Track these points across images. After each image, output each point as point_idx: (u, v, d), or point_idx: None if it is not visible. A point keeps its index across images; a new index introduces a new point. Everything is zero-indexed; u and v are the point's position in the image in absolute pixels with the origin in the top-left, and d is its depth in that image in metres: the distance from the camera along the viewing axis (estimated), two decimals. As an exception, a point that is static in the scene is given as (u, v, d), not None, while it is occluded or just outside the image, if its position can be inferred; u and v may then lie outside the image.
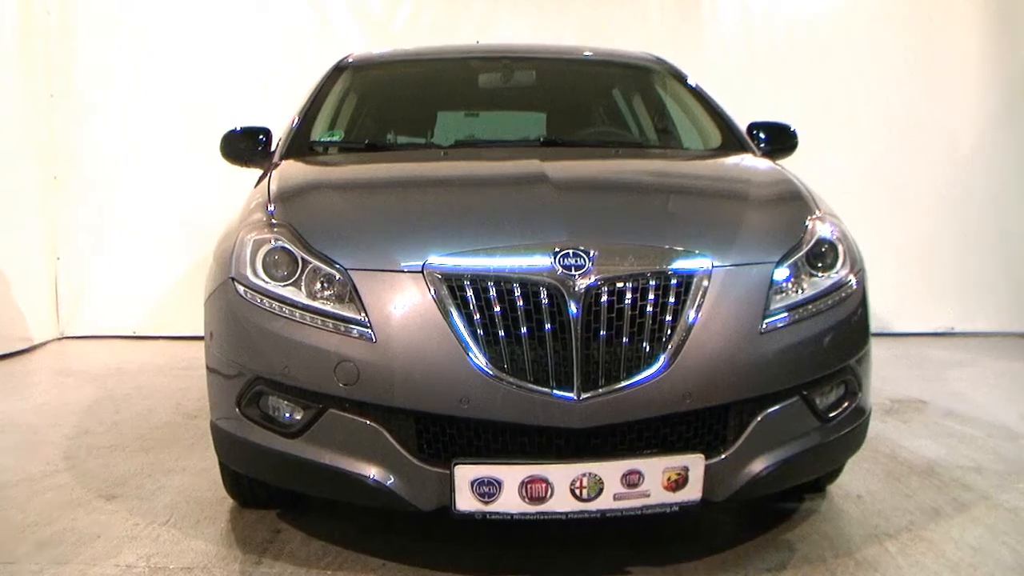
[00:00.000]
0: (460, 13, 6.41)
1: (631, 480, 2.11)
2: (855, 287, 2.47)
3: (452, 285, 2.17)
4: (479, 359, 2.12)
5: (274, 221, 2.47)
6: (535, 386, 2.11)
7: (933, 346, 5.90)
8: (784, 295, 2.34)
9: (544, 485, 2.09)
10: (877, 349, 2.67)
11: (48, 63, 6.14)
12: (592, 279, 2.15)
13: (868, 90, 6.31)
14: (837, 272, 2.46)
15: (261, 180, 3.02)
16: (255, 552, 2.52)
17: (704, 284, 2.23)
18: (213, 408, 2.52)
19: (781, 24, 6.40)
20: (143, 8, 6.24)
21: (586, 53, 4.29)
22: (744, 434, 2.24)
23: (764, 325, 2.26)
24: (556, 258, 2.18)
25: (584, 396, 2.11)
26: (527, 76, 4.04)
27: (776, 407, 2.28)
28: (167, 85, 6.20)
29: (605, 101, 4.12)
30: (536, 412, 2.11)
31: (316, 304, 2.26)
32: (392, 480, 2.17)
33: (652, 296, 2.18)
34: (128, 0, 6.24)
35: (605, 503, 2.11)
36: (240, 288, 2.36)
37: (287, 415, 2.30)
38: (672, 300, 2.19)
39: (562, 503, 2.10)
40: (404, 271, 2.22)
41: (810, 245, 2.46)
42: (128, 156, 6.23)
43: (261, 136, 3.36)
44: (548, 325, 2.13)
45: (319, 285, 2.29)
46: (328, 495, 2.45)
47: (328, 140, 3.53)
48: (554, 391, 2.11)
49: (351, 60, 3.93)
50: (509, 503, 2.10)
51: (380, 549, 2.50)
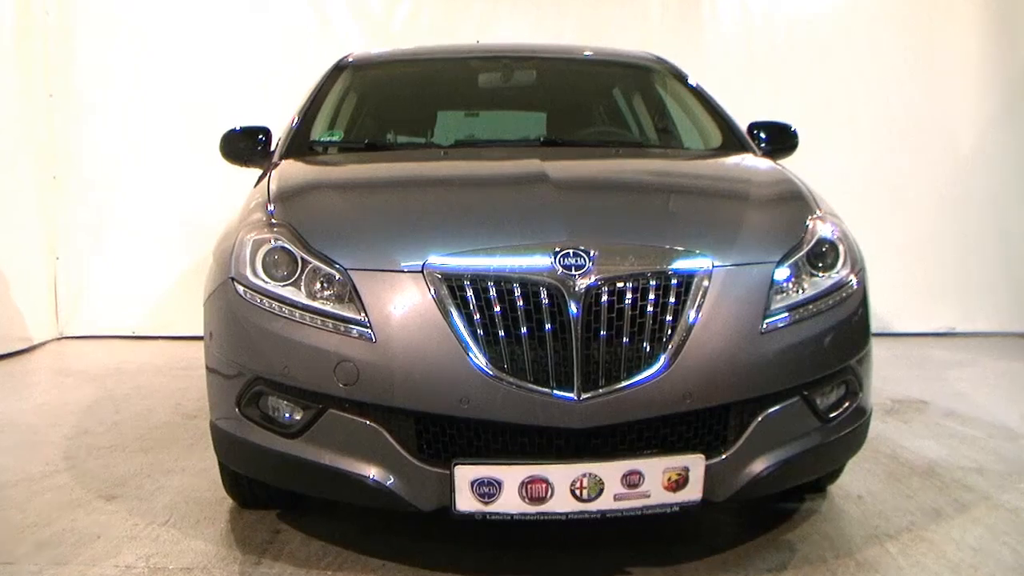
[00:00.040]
0: (460, 13, 6.40)
1: (631, 480, 2.11)
2: (856, 287, 2.47)
3: (452, 285, 2.17)
4: (479, 359, 2.11)
5: (274, 221, 2.47)
6: (535, 386, 2.11)
7: (934, 346, 5.89)
8: (785, 295, 2.34)
9: (544, 485, 2.09)
10: (878, 349, 2.67)
11: (47, 63, 6.13)
12: (592, 279, 2.15)
13: (868, 90, 6.30)
14: (838, 272, 2.46)
15: (261, 180, 3.02)
16: (255, 552, 2.52)
17: (704, 284, 2.22)
18: (212, 408, 2.51)
19: (781, 24, 6.40)
20: (142, 8, 6.23)
21: (586, 53, 4.28)
22: (745, 434, 2.23)
23: (765, 325, 2.26)
24: (556, 258, 2.17)
25: (584, 396, 2.10)
26: (527, 76, 4.03)
27: (777, 407, 2.27)
28: (167, 85, 6.20)
29: (605, 101, 4.11)
30: (536, 412, 2.11)
31: (316, 304, 2.25)
32: (392, 480, 2.17)
33: (652, 296, 2.17)
34: (127, 0, 6.24)
35: (605, 503, 2.11)
36: (240, 288, 2.35)
37: (287, 415, 2.30)
38: (672, 300, 2.18)
39: (562, 503, 2.10)
40: (404, 271, 2.21)
41: (811, 245, 2.45)
42: (127, 156, 6.23)
43: (261, 136, 3.36)
44: (548, 325, 2.12)
45: (319, 285, 2.28)
46: (328, 495, 2.44)
47: (328, 140, 3.52)
48: (554, 391, 2.11)
49: (351, 60, 3.92)
50: (509, 503, 2.10)
51: (380, 549, 2.50)
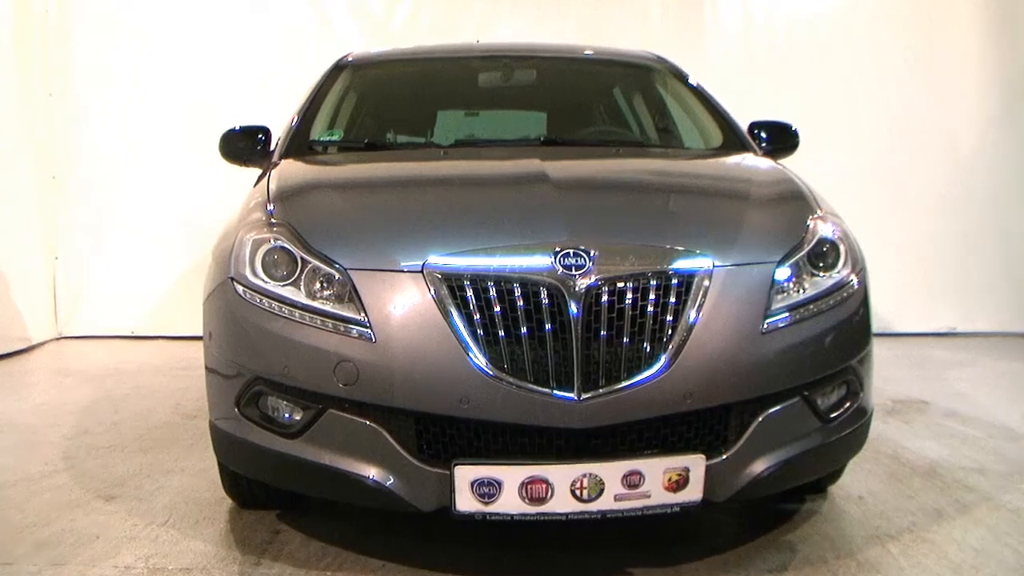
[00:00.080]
0: (460, 13, 6.40)
1: (632, 481, 2.10)
2: (857, 287, 2.46)
3: (452, 285, 2.16)
4: (479, 359, 2.11)
5: (273, 220, 2.46)
6: (535, 386, 2.10)
7: (934, 346, 5.89)
8: (785, 295, 2.33)
9: (544, 486, 2.08)
10: (878, 349, 2.66)
11: (46, 62, 6.13)
12: (592, 279, 2.14)
13: (868, 90, 6.30)
14: (839, 272, 2.45)
15: (260, 179, 3.01)
16: (254, 553, 2.51)
17: (705, 284, 2.22)
18: (212, 408, 2.51)
19: (781, 24, 6.40)
20: (142, 7, 6.23)
21: (587, 52, 4.28)
22: (745, 434, 2.23)
23: (765, 325, 2.25)
24: (556, 258, 2.17)
25: (584, 396, 2.10)
26: (527, 75, 4.03)
27: (777, 407, 2.27)
28: (166, 85, 6.19)
29: (606, 100, 4.11)
30: (536, 412, 2.10)
31: (315, 304, 2.25)
32: (392, 481, 2.16)
33: (653, 296, 2.17)
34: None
35: (606, 504, 2.10)
36: (239, 288, 2.35)
37: (286, 415, 2.29)
38: (673, 300, 2.18)
39: (562, 504, 2.09)
40: (404, 271, 2.20)
41: (811, 245, 2.44)
42: (127, 156, 6.22)
43: (260, 135, 3.35)
44: (548, 325, 2.12)
45: (318, 285, 2.28)
46: (328, 496, 2.44)
47: (327, 139, 3.51)
48: (554, 391, 2.10)
49: (350, 59, 3.92)
50: (509, 504, 2.09)
51: (380, 550, 2.49)
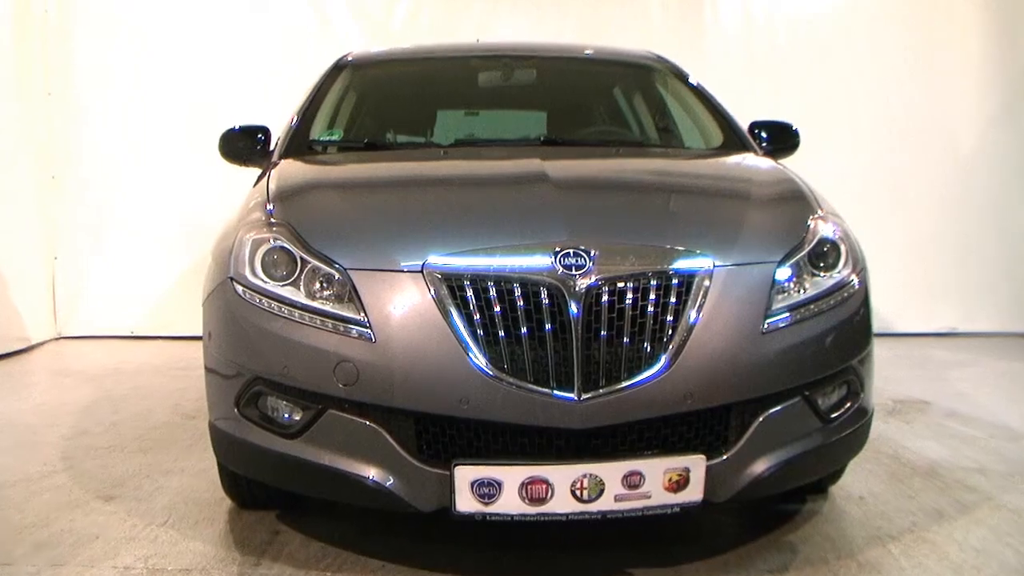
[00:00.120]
0: (460, 12, 6.40)
1: (632, 481, 2.10)
2: (857, 287, 2.46)
3: (452, 285, 2.16)
4: (479, 359, 2.10)
5: (273, 220, 2.46)
6: (535, 386, 2.10)
7: (935, 346, 5.88)
8: (786, 295, 2.33)
9: (544, 486, 2.08)
10: (879, 349, 2.66)
11: (46, 62, 6.12)
12: (593, 279, 2.14)
13: (868, 90, 6.30)
14: (839, 272, 2.45)
15: (260, 179, 3.01)
16: (254, 554, 2.51)
17: (705, 284, 2.21)
18: (211, 408, 2.50)
19: (782, 24, 6.40)
20: (142, 7, 6.22)
21: (587, 52, 4.28)
22: (746, 435, 2.22)
23: (766, 325, 2.24)
24: (556, 258, 2.16)
25: (585, 396, 2.09)
26: (527, 75, 4.02)
27: (778, 408, 2.26)
28: (166, 84, 6.18)
29: (606, 100, 4.10)
30: (536, 413, 2.10)
31: (315, 304, 2.24)
32: (392, 481, 2.16)
33: (653, 296, 2.16)
34: (127, -1, 6.25)
35: (606, 504, 2.10)
36: (239, 288, 2.34)
37: (286, 415, 2.29)
38: (673, 300, 2.17)
39: (562, 504, 2.09)
40: (404, 271, 2.20)
41: (812, 245, 2.44)
42: (127, 156, 6.22)
43: (260, 135, 3.34)
44: (548, 325, 2.11)
45: (318, 285, 2.27)
46: (327, 496, 2.43)
47: (327, 139, 3.51)
48: (554, 391, 2.09)
49: (350, 58, 3.91)
50: (509, 504, 2.09)
51: (379, 550, 2.49)
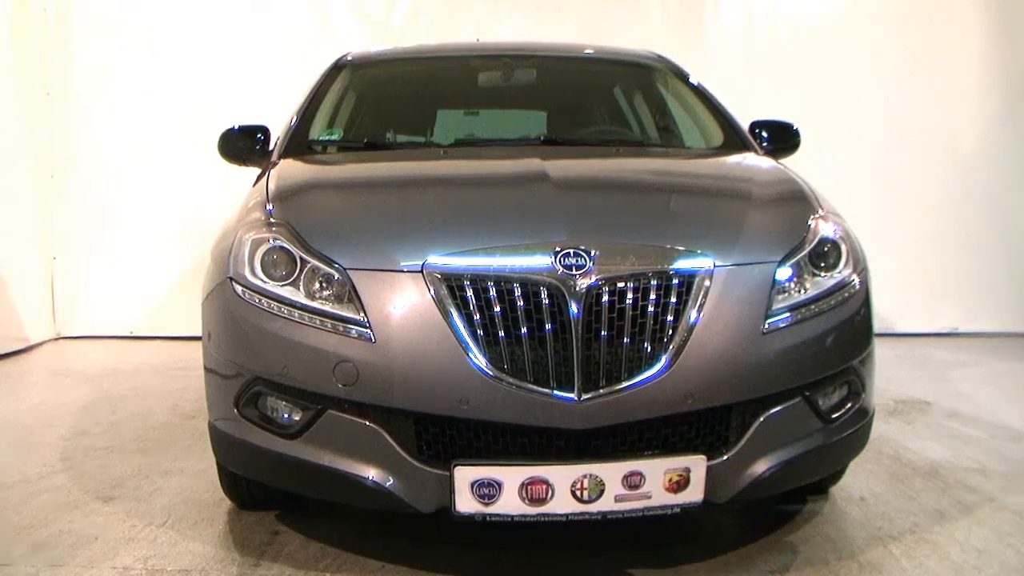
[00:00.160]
0: (460, 12, 6.39)
1: (632, 481, 2.09)
2: (858, 287, 2.45)
3: (452, 285, 2.15)
4: (479, 359, 2.10)
5: (272, 220, 2.45)
6: (535, 387, 2.09)
7: (936, 346, 5.88)
8: (787, 295, 2.32)
9: (544, 486, 2.07)
10: (880, 349, 2.65)
11: (45, 61, 6.11)
12: (593, 279, 2.13)
13: (868, 90, 6.29)
14: (840, 272, 2.44)
15: (259, 179, 3.00)
16: (253, 554, 2.50)
17: (706, 284, 2.21)
18: (211, 409, 2.50)
19: (782, 24, 6.40)
20: (142, 7, 6.21)
21: (587, 51, 4.27)
22: (746, 435, 2.22)
23: (766, 325, 2.24)
24: (557, 258, 2.16)
25: (585, 397, 2.09)
26: (527, 74, 4.01)
27: (778, 408, 2.26)
28: (166, 84, 6.18)
29: (606, 99, 4.10)
30: (536, 413, 2.09)
31: (315, 304, 2.24)
32: (391, 481, 2.15)
33: (653, 296, 2.16)
34: (127, -2, 6.24)
35: (606, 505, 2.09)
36: (238, 288, 2.34)
37: (286, 416, 2.28)
38: (674, 300, 2.17)
39: (562, 505, 2.08)
40: (403, 271, 2.19)
41: (813, 244, 2.43)
42: (126, 155, 6.21)
43: (259, 135, 3.34)
44: (548, 325, 2.11)
45: (318, 285, 2.27)
46: (327, 497, 2.43)
47: (327, 139, 3.50)
48: (555, 392, 2.09)
49: (350, 58, 3.90)
50: (509, 504, 2.08)
51: (379, 551, 2.48)
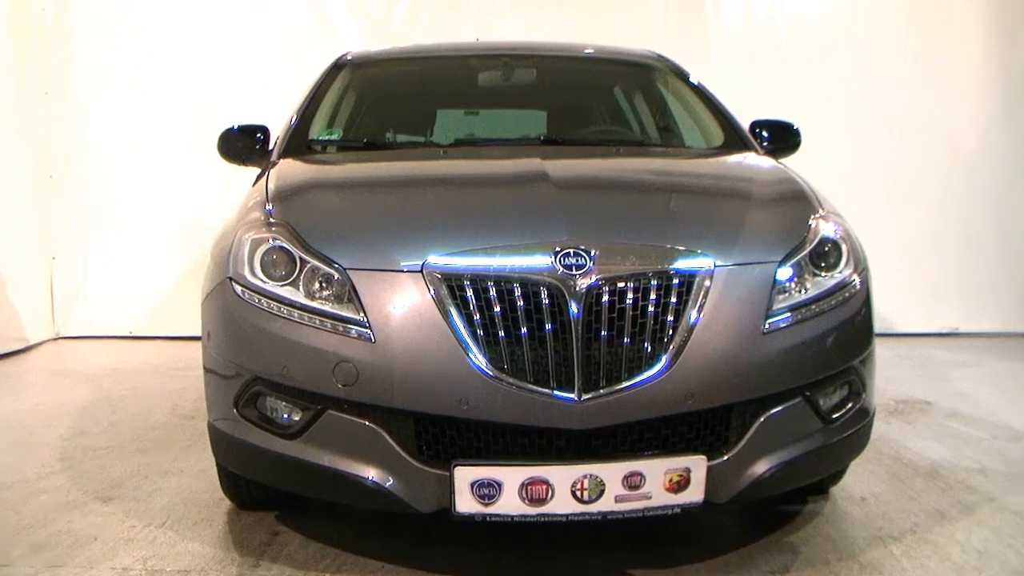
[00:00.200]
0: (459, 12, 6.39)
1: (632, 482, 2.09)
2: (859, 287, 2.45)
3: (452, 285, 2.15)
4: (479, 359, 2.09)
5: (272, 220, 2.45)
6: (535, 387, 2.09)
7: (937, 347, 5.87)
8: (787, 295, 2.32)
9: (544, 487, 2.07)
10: (881, 349, 2.65)
11: (43, 61, 6.10)
12: (593, 279, 2.13)
13: (868, 90, 6.29)
14: (841, 272, 2.44)
15: (259, 179, 3.00)
16: (253, 555, 2.50)
17: (706, 284, 2.20)
18: (210, 409, 2.49)
19: (782, 24, 6.40)
20: (140, 6, 6.21)
21: (587, 51, 4.27)
22: (747, 435, 2.21)
23: (767, 325, 2.24)
24: (557, 257, 2.16)
25: (585, 397, 2.08)
26: (527, 74, 4.01)
27: (779, 408, 2.25)
28: (165, 84, 6.17)
29: (606, 99, 4.09)
30: (536, 413, 2.09)
31: (314, 304, 2.23)
32: (391, 482, 2.15)
33: (654, 296, 2.15)
34: (126, -2, 6.23)
35: (606, 505, 2.09)
36: (238, 288, 2.33)
37: (285, 416, 2.28)
38: (674, 300, 2.16)
39: (563, 505, 2.08)
40: (403, 271, 2.19)
41: (813, 244, 2.43)
42: (125, 155, 6.20)
43: (259, 134, 3.33)
44: (548, 325, 2.10)
45: (317, 285, 2.26)
46: (326, 497, 2.42)
47: (326, 139, 3.50)
48: (555, 392, 2.09)
49: (349, 58, 3.90)
50: (509, 505, 2.08)
51: (379, 551, 2.48)
